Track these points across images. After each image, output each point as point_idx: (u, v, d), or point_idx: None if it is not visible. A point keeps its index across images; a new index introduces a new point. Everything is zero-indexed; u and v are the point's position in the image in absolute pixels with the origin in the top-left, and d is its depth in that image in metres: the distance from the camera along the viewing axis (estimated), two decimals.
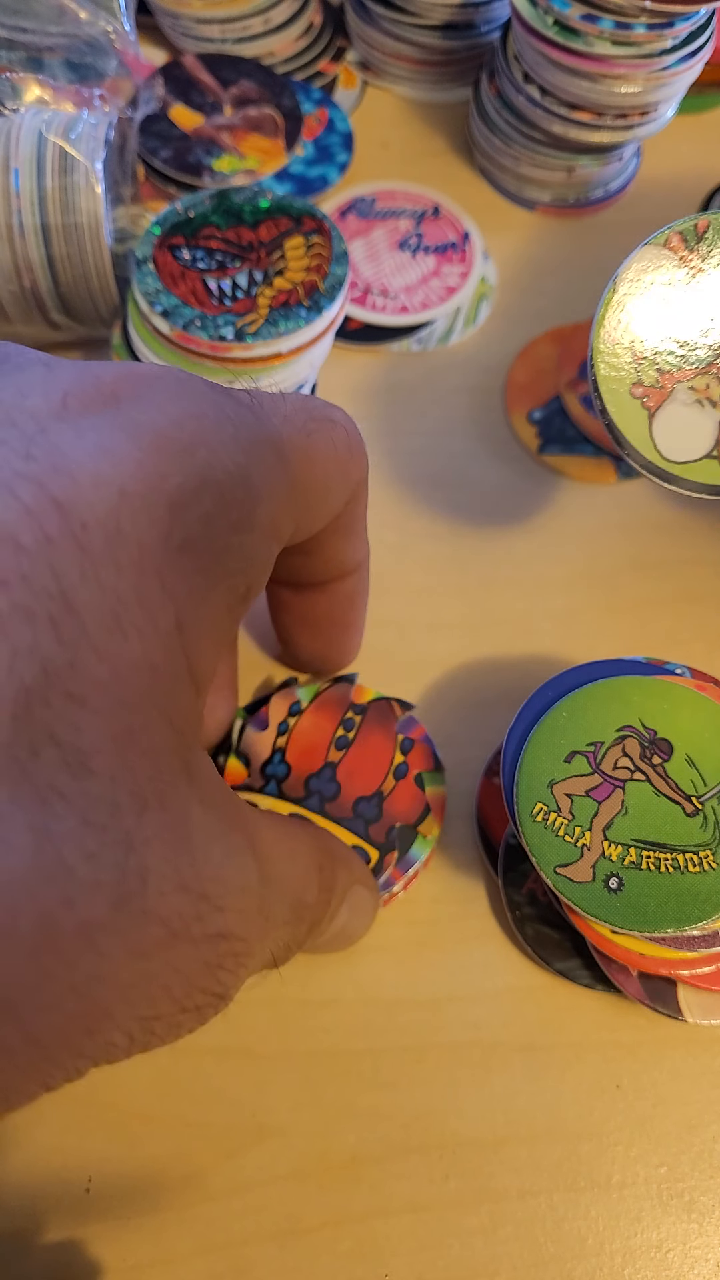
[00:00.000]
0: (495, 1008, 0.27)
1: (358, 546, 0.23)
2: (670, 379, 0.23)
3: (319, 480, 0.18)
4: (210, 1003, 0.14)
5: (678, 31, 0.34)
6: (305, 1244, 0.25)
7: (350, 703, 0.28)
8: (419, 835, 0.27)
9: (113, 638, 0.13)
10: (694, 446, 0.23)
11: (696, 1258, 0.25)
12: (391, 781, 0.27)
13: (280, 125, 0.40)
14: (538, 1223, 0.25)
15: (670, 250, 0.23)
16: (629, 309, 0.23)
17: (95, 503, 0.13)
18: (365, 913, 0.23)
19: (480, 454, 0.36)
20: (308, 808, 0.27)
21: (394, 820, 0.27)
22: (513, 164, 0.39)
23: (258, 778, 0.27)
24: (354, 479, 0.20)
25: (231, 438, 0.15)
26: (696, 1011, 0.25)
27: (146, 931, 0.13)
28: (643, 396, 0.23)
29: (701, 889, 0.23)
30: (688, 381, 0.23)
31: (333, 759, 0.27)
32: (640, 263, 0.23)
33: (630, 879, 0.24)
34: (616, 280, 0.23)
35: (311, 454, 0.18)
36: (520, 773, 0.25)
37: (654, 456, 0.23)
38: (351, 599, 0.25)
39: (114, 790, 0.13)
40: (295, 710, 0.28)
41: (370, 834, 0.27)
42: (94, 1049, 0.13)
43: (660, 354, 0.23)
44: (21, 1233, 0.25)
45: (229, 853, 0.15)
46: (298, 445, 0.17)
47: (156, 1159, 0.26)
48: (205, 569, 0.14)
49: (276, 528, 0.17)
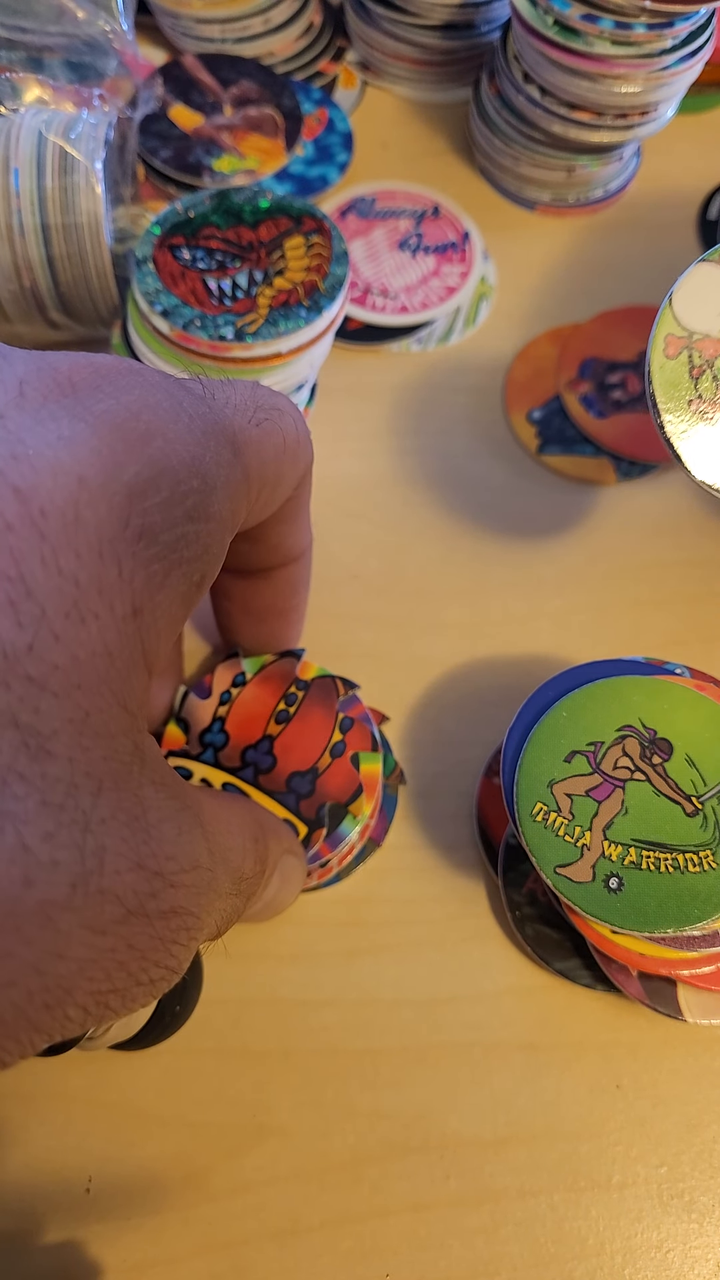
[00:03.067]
0: (495, 1008, 0.27)
1: (302, 533, 0.23)
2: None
3: (270, 468, 0.18)
4: (163, 976, 0.15)
5: (678, 31, 0.34)
6: (305, 1244, 0.25)
7: (294, 678, 0.28)
8: (349, 814, 0.27)
9: (71, 623, 0.13)
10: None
11: (697, 1258, 0.25)
12: (328, 759, 0.27)
13: (280, 125, 0.40)
14: (538, 1223, 0.25)
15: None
16: (685, 323, 0.23)
17: (54, 490, 0.13)
18: (294, 882, 0.24)
19: (480, 454, 0.36)
20: (242, 778, 0.27)
21: (325, 797, 0.27)
22: (513, 164, 0.39)
23: (195, 744, 0.27)
24: (301, 466, 0.20)
25: (186, 428, 0.16)
26: (696, 1011, 0.25)
27: (104, 909, 0.13)
28: (702, 410, 0.23)
29: (701, 889, 0.23)
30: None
31: (271, 732, 0.27)
32: (695, 279, 0.23)
33: (630, 879, 0.24)
34: (672, 297, 0.23)
35: (262, 443, 0.18)
36: (520, 773, 0.25)
37: (712, 475, 0.23)
38: (294, 586, 0.26)
39: (71, 772, 0.13)
40: (239, 681, 0.28)
41: (301, 809, 0.27)
42: (51, 1023, 0.13)
43: (718, 365, 0.23)
44: (21, 1233, 0.25)
45: (181, 830, 0.15)
46: (249, 435, 0.18)
47: (156, 1159, 0.26)
48: (162, 557, 0.14)
49: (231, 516, 0.17)
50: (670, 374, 0.23)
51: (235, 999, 0.27)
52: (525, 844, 0.24)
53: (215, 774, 0.27)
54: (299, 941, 0.28)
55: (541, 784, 0.25)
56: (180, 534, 0.15)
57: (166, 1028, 0.26)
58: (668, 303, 0.23)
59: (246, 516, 0.19)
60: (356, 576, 0.33)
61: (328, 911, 0.28)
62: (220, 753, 0.27)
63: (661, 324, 0.23)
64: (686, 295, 0.23)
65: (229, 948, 0.28)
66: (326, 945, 0.28)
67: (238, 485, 0.17)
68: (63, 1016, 0.13)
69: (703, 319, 0.23)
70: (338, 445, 0.35)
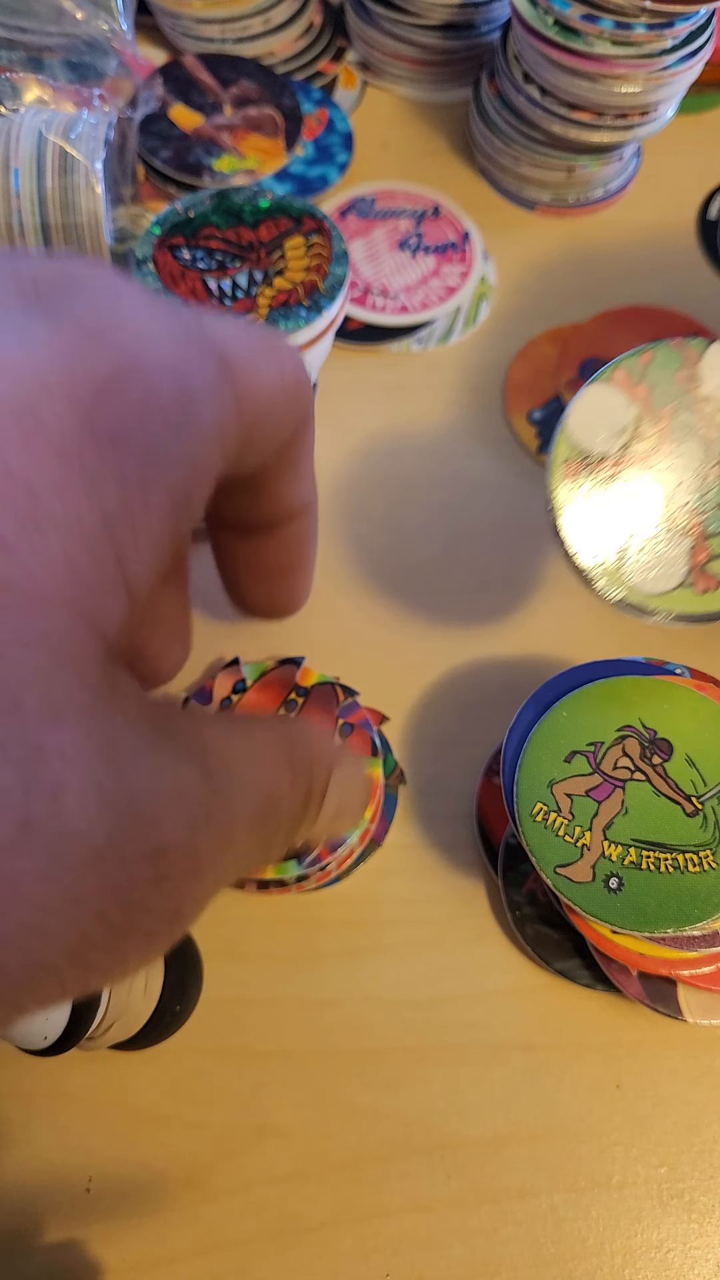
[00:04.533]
0: (495, 1008, 0.27)
1: (305, 486, 0.22)
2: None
3: (265, 403, 0.17)
4: (159, 925, 0.13)
5: (678, 31, 0.34)
6: (306, 1244, 0.25)
7: (294, 684, 0.29)
8: None
9: (26, 532, 0.12)
10: (668, 576, 0.23)
11: (696, 1258, 0.25)
12: None
13: (280, 125, 0.40)
14: (538, 1222, 0.25)
15: (616, 385, 0.23)
16: (582, 445, 0.23)
17: (11, 389, 0.12)
18: (355, 795, 0.22)
19: (480, 454, 0.36)
20: None
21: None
22: (513, 164, 0.39)
23: None
24: (301, 409, 0.19)
25: (165, 331, 0.15)
26: (696, 1011, 0.25)
27: (67, 851, 0.12)
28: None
29: (701, 889, 0.23)
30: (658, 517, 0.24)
31: None
32: (586, 401, 0.23)
33: (630, 879, 0.24)
34: (566, 422, 0.23)
35: (256, 369, 0.17)
36: (520, 773, 0.25)
37: (628, 594, 0.23)
38: (300, 543, 0.24)
39: (23, 696, 0.12)
40: (240, 688, 0.29)
41: None
42: (20, 989, 0.12)
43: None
44: (21, 1233, 0.25)
45: (161, 763, 0.14)
46: (241, 358, 0.17)
47: (156, 1159, 0.26)
48: (138, 465, 0.13)
49: (219, 434, 0.16)
50: (576, 509, 0.23)
51: (235, 999, 0.27)
52: (525, 844, 0.24)
53: None
54: (299, 941, 0.28)
55: (541, 784, 0.25)
56: (159, 443, 0.14)
57: (166, 1028, 0.26)
58: (562, 427, 0.23)
59: (243, 452, 0.18)
60: (357, 576, 0.33)
61: (328, 911, 0.28)
62: None
63: (558, 449, 0.24)
64: (580, 418, 0.23)
65: (229, 948, 0.28)
66: (327, 945, 0.28)
67: (226, 405, 0.16)
68: (35, 978, 0.12)
69: (598, 441, 0.23)
70: (338, 445, 0.35)
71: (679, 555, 0.23)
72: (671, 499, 0.23)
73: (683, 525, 0.23)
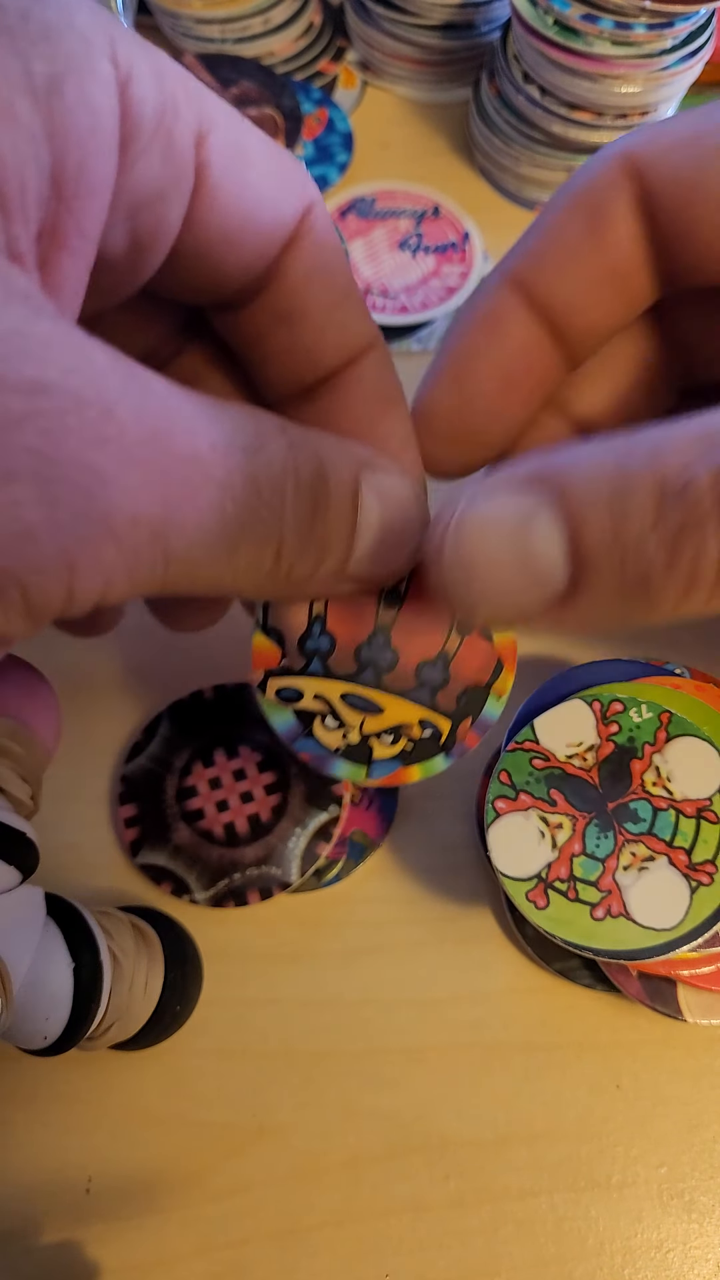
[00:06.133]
0: (495, 1008, 0.27)
1: (355, 312, 0.19)
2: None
3: (167, 90, 0.15)
4: (28, 495, 0.12)
5: (678, 31, 0.34)
6: (305, 1244, 0.25)
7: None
8: (492, 694, 0.23)
9: None
10: (530, 863, 0.24)
11: (696, 1258, 0.25)
12: (455, 638, 0.23)
13: (280, 125, 0.40)
14: (538, 1223, 0.25)
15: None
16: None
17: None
18: (404, 499, 0.19)
19: None
20: (362, 683, 0.22)
21: (464, 683, 0.22)
22: (513, 164, 0.39)
23: (296, 657, 0.23)
24: (299, 194, 0.17)
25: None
26: (696, 1011, 0.25)
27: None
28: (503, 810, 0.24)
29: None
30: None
31: (384, 621, 0.22)
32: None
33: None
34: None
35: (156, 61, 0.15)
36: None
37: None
38: (381, 385, 0.20)
39: None
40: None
41: (439, 702, 0.22)
42: None
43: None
44: (21, 1233, 0.25)
45: (35, 313, 0.13)
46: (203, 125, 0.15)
47: (156, 1159, 0.26)
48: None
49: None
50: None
51: (235, 999, 0.27)
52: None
53: (330, 686, 0.22)
54: (299, 941, 0.28)
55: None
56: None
57: (166, 1028, 0.26)
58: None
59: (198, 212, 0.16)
60: None
61: (328, 911, 0.28)
62: (329, 660, 0.22)
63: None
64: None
65: (229, 948, 0.28)
66: (327, 945, 0.28)
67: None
68: None
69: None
70: None
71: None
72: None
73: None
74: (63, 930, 0.23)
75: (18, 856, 0.21)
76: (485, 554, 0.15)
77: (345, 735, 0.22)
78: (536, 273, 0.19)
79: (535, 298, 0.20)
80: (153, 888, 0.28)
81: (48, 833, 0.23)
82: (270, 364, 0.20)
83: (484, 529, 0.15)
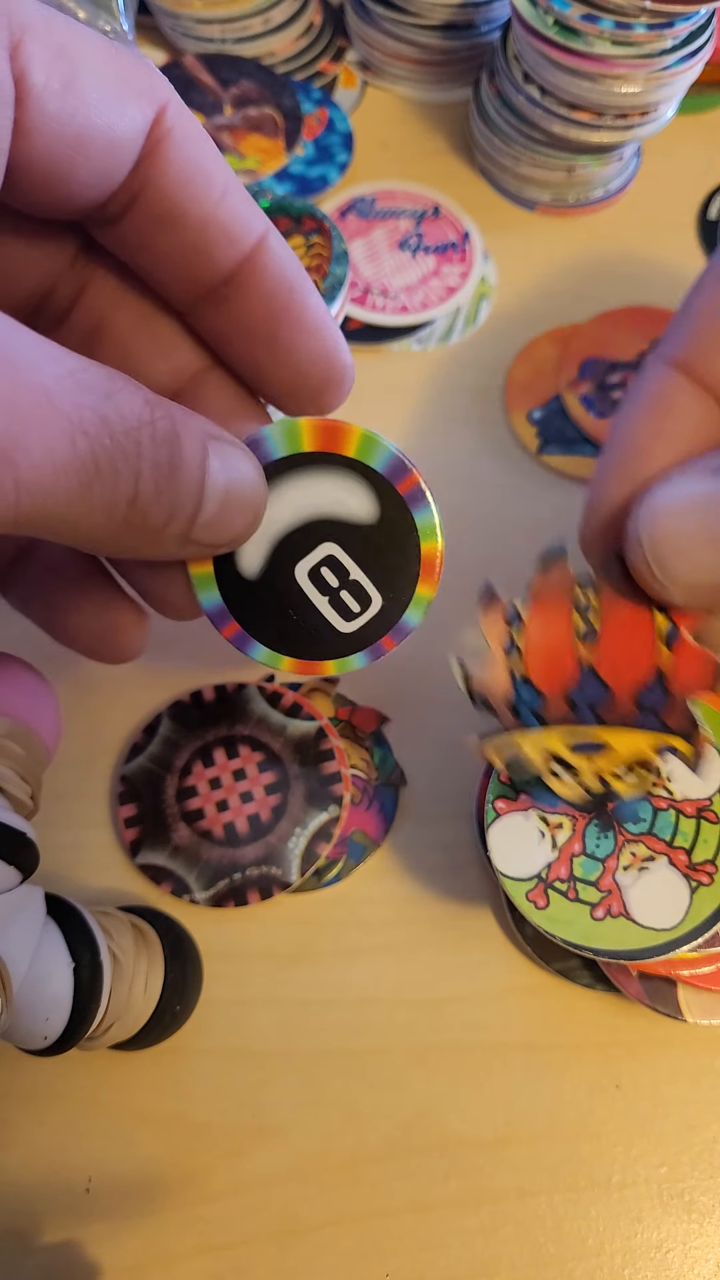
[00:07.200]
0: (495, 1008, 0.27)
1: (236, 205, 0.19)
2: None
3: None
4: None
5: (678, 31, 0.34)
6: (305, 1244, 0.25)
7: (573, 582, 0.23)
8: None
9: None
10: (530, 863, 0.23)
11: (696, 1258, 0.25)
12: (665, 653, 0.22)
13: (280, 125, 0.40)
14: (538, 1223, 0.25)
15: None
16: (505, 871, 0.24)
17: None
18: (246, 470, 0.19)
19: (480, 454, 0.36)
20: (580, 722, 0.22)
21: (690, 694, 0.22)
22: (513, 164, 0.39)
23: (510, 717, 0.22)
24: (147, 95, 0.17)
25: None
26: (696, 1011, 0.25)
27: None
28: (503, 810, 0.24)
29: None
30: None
31: (585, 659, 0.22)
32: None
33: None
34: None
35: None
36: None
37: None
38: (282, 272, 0.20)
39: None
40: (513, 619, 0.23)
41: (668, 723, 0.22)
42: None
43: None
44: (21, 1233, 0.25)
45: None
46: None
47: (156, 1159, 0.26)
48: None
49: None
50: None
51: (235, 999, 0.27)
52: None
53: (553, 738, 0.22)
54: (299, 941, 0.28)
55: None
56: None
57: (166, 1028, 0.26)
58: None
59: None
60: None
61: (328, 911, 0.28)
62: (543, 713, 0.22)
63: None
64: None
65: (229, 948, 0.28)
66: (327, 945, 0.28)
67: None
68: None
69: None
70: None
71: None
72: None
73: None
74: (63, 930, 0.23)
75: (18, 856, 0.21)
76: (682, 533, 0.17)
77: (581, 782, 0.22)
78: (699, 350, 0.20)
79: (700, 377, 0.20)
80: (153, 888, 0.28)
81: (48, 833, 0.23)
82: (162, 271, 0.19)
83: (680, 510, 0.17)
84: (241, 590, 0.21)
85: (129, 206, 0.18)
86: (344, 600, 0.21)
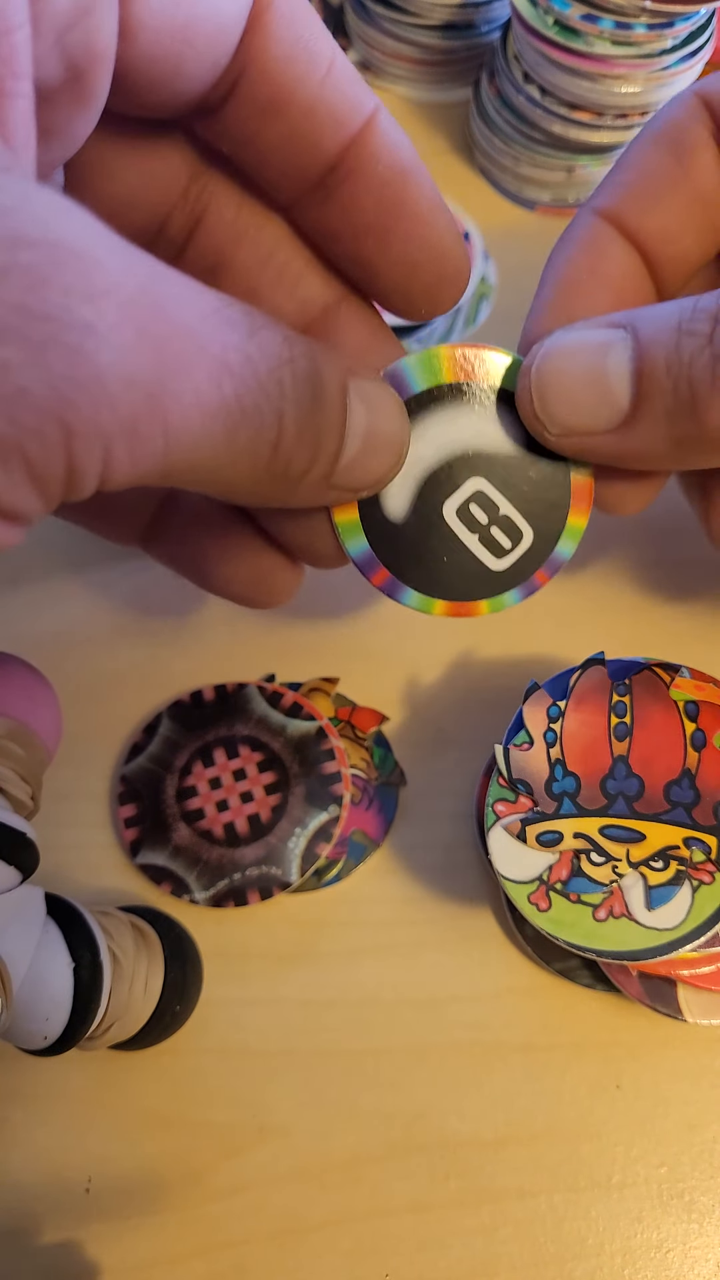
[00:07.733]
0: (495, 1008, 0.27)
1: (344, 83, 0.18)
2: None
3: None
4: (6, 329, 0.12)
5: (678, 31, 0.34)
6: (306, 1244, 0.25)
7: (611, 684, 0.25)
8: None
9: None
10: (531, 865, 0.24)
11: (696, 1258, 0.25)
12: (693, 754, 0.24)
13: None
14: (538, 1223, 0.25)
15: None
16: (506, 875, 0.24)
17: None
18: (389, 408, 0.18)
19: None
20: (615, 815, 0.24)
21: (715, 794, 0.24)
22: (513, 164, 0.39)
23: (547, 801, 0.24)
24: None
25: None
26: (696, 1011, 0.25)
27: None
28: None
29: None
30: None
31: (619, 752, 0.24)
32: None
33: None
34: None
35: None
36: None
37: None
38: (394, 154, 0.18)
39: None
40: (554, 714, 0.25)
41: (696, 818, 0.23)
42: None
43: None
44: (21, 1233, 0.25)
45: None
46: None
47: (156, 1159, 0.26)
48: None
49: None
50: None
51: (235, 999, 0.27)
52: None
53: (586, 823, 0.24)
54: (299, 941, 0.28)
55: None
56: None
57: (167, 1027, 0.26)
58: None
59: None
60: (356, 575, 0.33)
61: (328, 911, 0.28)
62: (578, 798, 0.24)
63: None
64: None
65: (229, 948, 0.28)
66: (327, 945, 0.28)
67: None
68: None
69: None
70: None
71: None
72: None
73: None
74: (63, 930, 0.23)
75: (18, 856, 0.21)
76: (567, 373, 0.18)
77: (615, 869, 0.23)
78: (627, 204, 0.20)
79: (628, 228, 0.20)
80: (153, 888, 0.28)
81: (48, 833, 0.23)
82: (270, 163, 0.18)
83: (569, 352, 0.18)
84: (388, 534, 0.20)
85: (231, 94, 0.17)
86: (494, 537, 0.20)
